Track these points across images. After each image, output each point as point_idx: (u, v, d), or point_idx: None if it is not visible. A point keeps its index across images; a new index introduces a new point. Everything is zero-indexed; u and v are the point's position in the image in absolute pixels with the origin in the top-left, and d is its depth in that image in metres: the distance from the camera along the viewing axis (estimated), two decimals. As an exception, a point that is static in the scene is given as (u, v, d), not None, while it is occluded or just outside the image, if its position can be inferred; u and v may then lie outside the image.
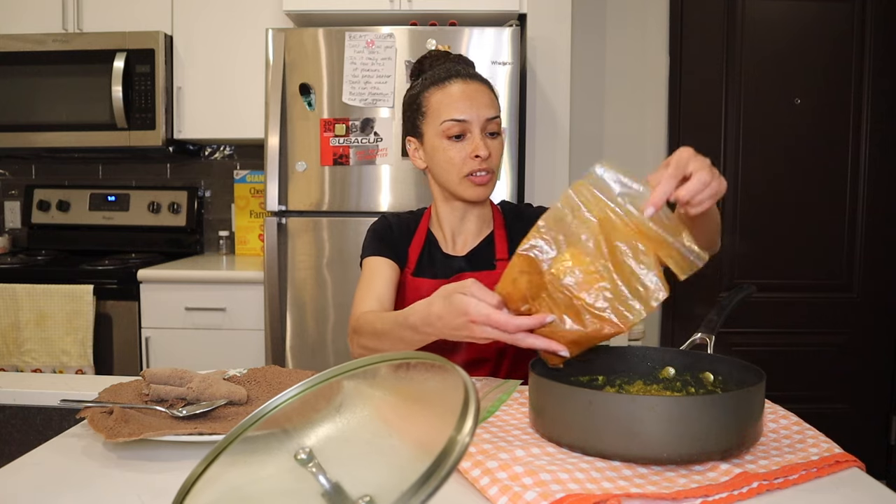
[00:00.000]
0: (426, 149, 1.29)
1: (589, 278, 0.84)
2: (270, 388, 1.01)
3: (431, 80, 1.28)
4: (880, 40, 2.83)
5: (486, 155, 1.22)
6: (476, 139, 1.23)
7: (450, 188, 1.28)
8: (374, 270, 1.30)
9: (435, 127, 1.25)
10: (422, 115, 1.28)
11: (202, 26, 2.70)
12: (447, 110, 1.24)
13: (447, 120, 1.23)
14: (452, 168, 1.25)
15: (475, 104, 1.24)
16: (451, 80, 1.26)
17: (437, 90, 1.26)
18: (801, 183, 2.89)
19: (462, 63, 1.35)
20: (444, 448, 0.43)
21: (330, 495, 0.48)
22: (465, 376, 0.50)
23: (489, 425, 0.89)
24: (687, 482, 0.70)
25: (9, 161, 3.13)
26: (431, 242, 1.36)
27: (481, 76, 1.30)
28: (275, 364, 2.23)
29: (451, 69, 1.28)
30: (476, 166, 1.24)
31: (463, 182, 1.25)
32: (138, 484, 0.75)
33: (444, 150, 1.25)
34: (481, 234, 1.35)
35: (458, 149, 1.24)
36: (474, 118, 1.23)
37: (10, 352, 2.42)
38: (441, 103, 1.25)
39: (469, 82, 1.26)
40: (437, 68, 1.31)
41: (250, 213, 3.01)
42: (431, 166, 1.30)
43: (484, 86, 1.27)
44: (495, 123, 1.26)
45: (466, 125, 1.23)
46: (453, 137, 1.24)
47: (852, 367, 2.92)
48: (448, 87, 1.25)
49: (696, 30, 2.89)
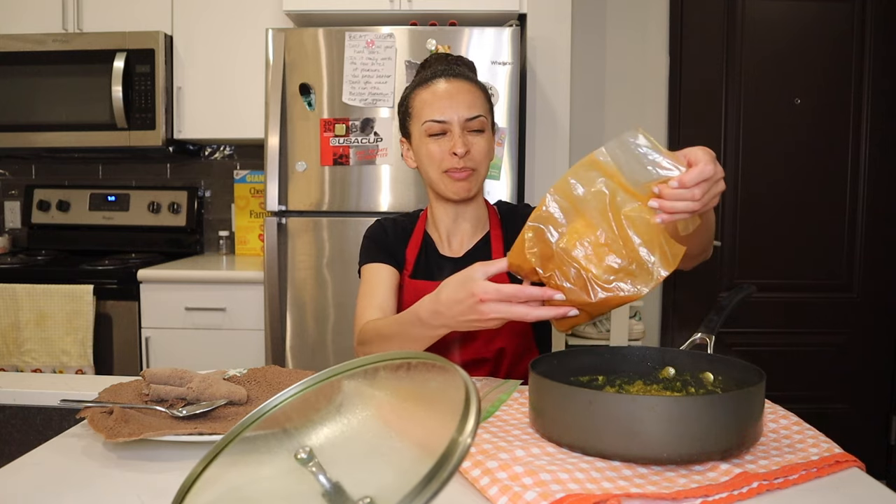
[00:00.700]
0: (414, 148, 1.31)
1: (598, 251, 0.85)
2: (270, 388, 1.01)
3: (419, 81, 1.30)
4: (880, 40, 2.83)
5: (462, 152, 1.23)
6: (455, 136, 1.24)
7: (433, 185, 1.30)
8: (374, 278, 1.30)
9: (419, 127, 1.27)
10: (409, 115, 1.30)
11: (202, 26, 2.70)
12: (428, 110, 1.25)
13: (428, 120, 1.25)
14: (432, 164, 1.27)
15: (455, 103, 1.24)
16: (435, 79, 1.27)
17: (421, 90, 1.28)
18: (801, 183, 2.89)
19: (459, 64, 1.36)
20: (446, 449, 0.43)
21: (330, 495, 0.48)
22: (465, 376, 0.50)
23: (489, 425, 0.89)
24: (687, 482, 0.70)
25: (9, 161, 3.13)
26: (428, 244, 1.36)
27: (468, 74, 1.30)
28: (275, 364, 2.23)
29: (439, 69, 1.29)
30: (454, 164, 1.24)
31: (442, 178, 1.27)
32: (138, 484, 0.75)
33: (426, 146, 1.27)
34: (477, 235, 1.35)
35: (438, 145, 1.26)
36: (454, 118, 1.24)
37: (10, 352, 2.42)
38: (424, 103, 1.26)
39: (452, 81, 1.26)
40: (428, 70, 1.33)
41: (250, 213, 3.01)
42: (418, 164, 1.32)
43: (468, 84, 1.27)
44: (478, 122, 1.26)
45: (446, 125, 1.24)
46: (434, 135, 1.26)
47: (852, 367, 2.92)
48: (431, 86, 1.27)
49: (696, 30, 2.89)
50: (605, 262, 0.85)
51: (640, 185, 0.83)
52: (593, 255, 0.85)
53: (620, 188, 0.84)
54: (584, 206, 0.86)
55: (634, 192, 0.84)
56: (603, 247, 0.85)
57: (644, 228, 0.84)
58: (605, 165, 0.84)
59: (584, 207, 0.86)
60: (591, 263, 0.85)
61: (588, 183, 0.85)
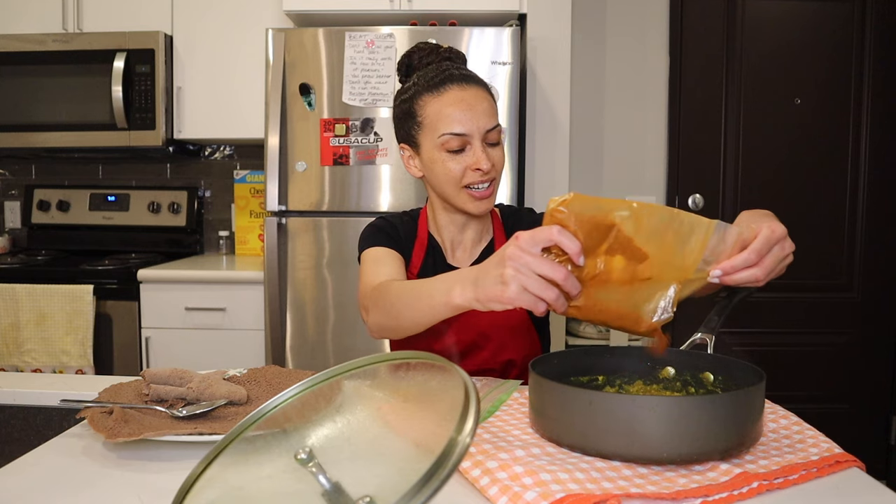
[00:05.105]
0: (423, 159, 1.22)
1: (640, 281, 0.83)
2: (270, 388, 1.01)
3: (425, 84, 1.20)
4: (880, 40, 2.83)
5: (487, 168, 1.16)
6: (477, 151, 1.16)
7: (449, 200, 1.23)
8: (384, 257, 1.22)
9: (432, 139, 1.18)
10: (417, 124, 1.21)
11: (202, 26, 2.70)
12: (445, 123, 1.16)
13: (445, 134, 1.16)
14: (451, 181, 1.19)
15: (474, 114, 1.16)
16: (445, 85, 1.18)
17: (431, 98, 1.18)
18: (801, 183, 2.89)
19: (454, 58, 1.27)
20: (445, 448, 0.43)
21: (330, 495, 0.48)
22: (465, 376, 0.50)
23: (489, 425, 0.89)
24: (687, 482, 0.70)
25: (9, 161, 3.13)
26: (434, 248, 1.30)
27: (476, 76, 1.23)
28: (275, 364, 2.23)
29: (445, 71, 1.20)
30: (477, 179, 1.18)
31: (461, 194, 1.20)
32: (138, 484, 0.75)
33: (442, 162, 1.18)
34: (482, 242, 1.31)
35: (457, 161, 1.18)
36: (474, 130, 1.16)
37: (10, 352, 2.42)
38: (439, 115, 1.17)
39: (466, 87, 1.18)
40: (430, 69, 1.23)
41: (250, 213, 3.01)
42: (429, 177, 1.23)
43: (482, 90, 1.20)
44: (496, 133, 1.19)
45: (466, 138, 1.17)
46: (453, 151, 1.17)
47: (852, 367, 2.92)
48: (444, 94, 1.17)
49: (696, 30, 2.89)
50: (638, 293, 0.83)
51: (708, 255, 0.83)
52: (634, 283, 0.83)
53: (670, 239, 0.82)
54: (655, 237, 0.81)
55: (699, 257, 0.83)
56: (647, 281, 0.83)
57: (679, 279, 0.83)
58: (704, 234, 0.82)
59: (655, 238, 0.81)
60: (631, 289, 0.83)
61: (674, 223, 0.82)
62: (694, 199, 2.92)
